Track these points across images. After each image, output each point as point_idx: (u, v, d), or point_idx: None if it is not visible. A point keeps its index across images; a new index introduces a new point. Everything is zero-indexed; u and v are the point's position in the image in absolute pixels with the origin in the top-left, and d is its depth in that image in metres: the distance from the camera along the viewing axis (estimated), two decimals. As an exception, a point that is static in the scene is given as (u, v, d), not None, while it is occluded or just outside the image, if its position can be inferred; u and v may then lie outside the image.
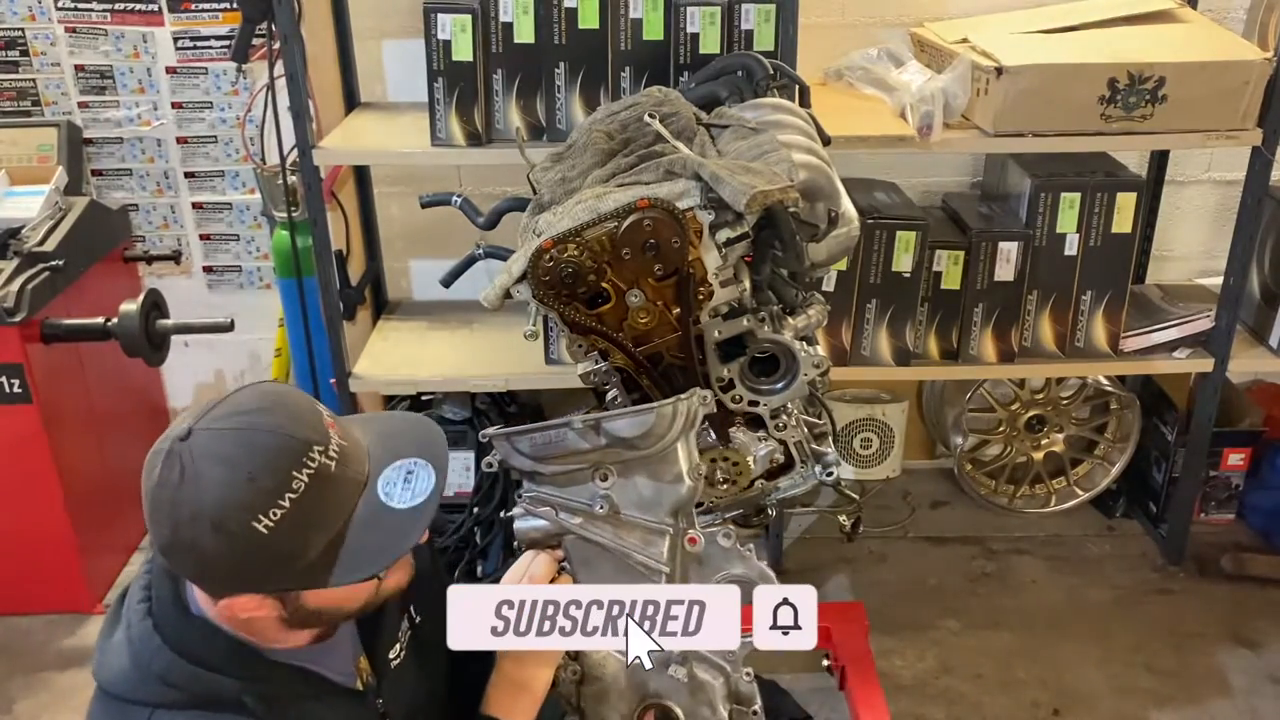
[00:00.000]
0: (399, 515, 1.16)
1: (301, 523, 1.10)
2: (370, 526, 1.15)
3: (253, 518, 1.08)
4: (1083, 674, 2.59)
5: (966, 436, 3.05)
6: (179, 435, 1.11)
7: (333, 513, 1.13)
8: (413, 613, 1.43)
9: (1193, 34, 2.54)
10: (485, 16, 2.30)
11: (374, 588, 1.22)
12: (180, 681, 1.17)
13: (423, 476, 1.18)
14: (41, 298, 2.56)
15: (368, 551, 1.14)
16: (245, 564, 1.11)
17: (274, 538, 1.09)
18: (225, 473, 1.09)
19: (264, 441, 1.11)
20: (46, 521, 2.68)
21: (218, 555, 1.10)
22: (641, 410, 1.31)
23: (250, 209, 3.05)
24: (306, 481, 1.10)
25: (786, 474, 1.56)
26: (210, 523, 1.08)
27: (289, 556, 1.12)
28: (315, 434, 1.14)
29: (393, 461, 1.19)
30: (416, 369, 2.66)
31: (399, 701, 1.37)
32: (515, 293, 1.44)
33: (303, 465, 1.11)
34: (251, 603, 1.15)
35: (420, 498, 1.17)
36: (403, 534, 1.16)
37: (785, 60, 2.25)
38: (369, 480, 1.17)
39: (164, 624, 1.19)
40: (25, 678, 2.60)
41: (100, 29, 2.87)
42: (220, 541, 1.09)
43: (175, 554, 1.13)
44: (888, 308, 2.65)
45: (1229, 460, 3.01)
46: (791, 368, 1.51)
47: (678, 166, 1.45)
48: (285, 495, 1.09)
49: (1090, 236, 2.62)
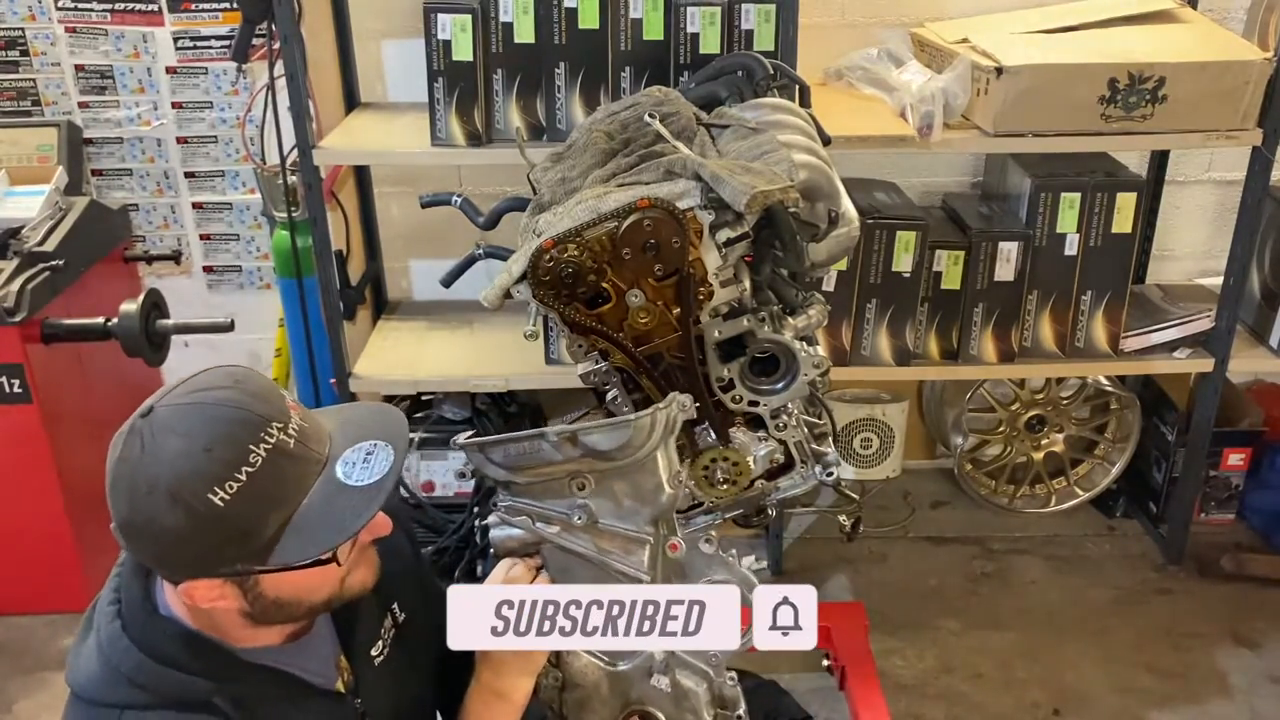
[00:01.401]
0: (355, 493, 1.14)
1: (258, 497, 1.10)
2: (326, 504, 1.14)
3: (209, 489, 1.07)
4: (1083, 674, 2.59)
5: (966, 436, 3.05)
6: (140, 413, 1.12)
7: (290, 489, 1.12)
8: (396, 611, 1.42)
9: (1193, 34, 2.54)
10: (485, 16, 2.30)
11: (336, 581, 1.21)
12: (149, 682, 1.16)
13: (382, 457, 1.17)
14: (41, 298, 2.56)
15: (323, 528, 1.13)
16: (201, 540, 1.09)
17: (230, 511, 1.08)
18: (183, 444, 1.09)
19: (223, 415, 1.11)
20: (46, 521, 2.68)
21: (175, 530, 1.09)
22: (618, 423, 1.29)
23: (250, 209, 3.05)
24: (264, 456, 1.10)
25: (787, 474, 1.56)
26: (167, 494, 1.08)
27: (245, 533, 1.11)
28: (275, 411, 1.13)
29: (354, 444, 1.18)
30: (416, 369, 2.66)
31: (381, 701, 1.35)
32: (515, 293, 1.44)
33: (260, 440, 1.10)
34: (212, 591, 1.14)
35: (377, 476, 1.16)
36: (357, 512, 1.14)
37: (785, 60, 2.25)
38: (328, 461, 1.16)
39: (133, 625, 1.19)
40: (25, 678, 2.60)
41: (100, 29, 2.87)
42: (177, 515, 1.08)
43: (134, 532, 1.12)
44: (888, 308, 2.65)
45: (1229, 460, 3.01)
46: (792, 368, 1.51)
47: (678, 166, 1.45)
48: (242, 469, 1.09)
49: (1090, 236, 2.62)
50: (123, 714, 1.16)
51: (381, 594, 1.37)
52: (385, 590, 1.38)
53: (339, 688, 1.32)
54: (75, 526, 2.70)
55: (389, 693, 1.37)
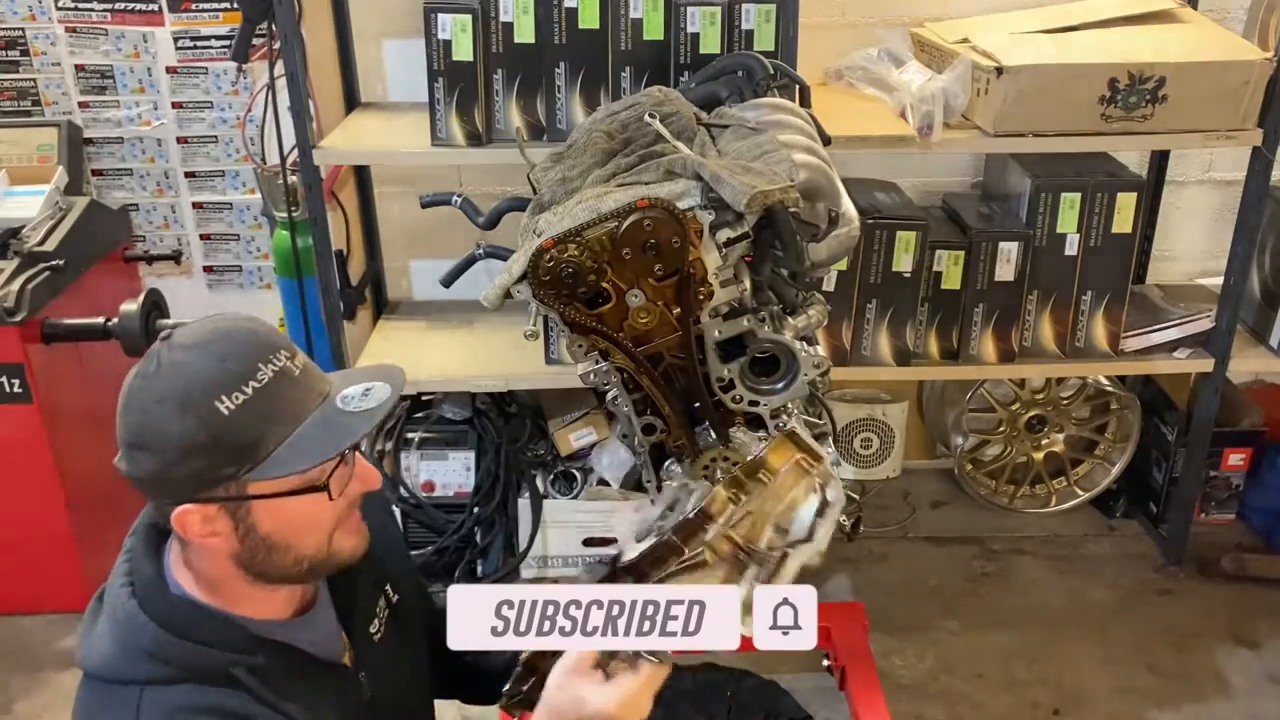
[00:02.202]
0: (352, 415, 1.20)
1: (262, 411, 1.15)
2: (324, 424, 1.19)
3: (216, 398, 1.12)
4: (1083, 674, 2.59)
5: (967, 437, 3.05)
6: (160, 338, 1.18)
7: (292, 410, 1.18)
8: (389, 591, 1.44)
9: (1193, 34, 2.54)
10: (485, 16, 2.30)
11: (326, 529, 1.23)
12: (170, 656, 1.18)
13: (380, 391, 1.23)
14: (42, 298, 2.56)
15: (317, 441, 1.18)
16: (204, 450, 1.13)
17: (235, 421, 1.13)
18: (197, 355, 1.15)
19: (237, 334, 1.18)
20: (46, 521, 2.68)
21: (181, 439, 1.12)
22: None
23: (250, 209, 3.05)
24: (271, 375, 1.16)
25: (787, 474, 1.56)
26: (178, 402, 1.12)
27: (246, 445, 1.14)
28: (284, 344, 1.21)
29: (352, 384, 1.24)
30: (416, 369, 2.66)
31: (382, 678, 1.37)
32: (515, 293, 1.44)
33: (269, 360, 1.17)
34: (205, 523, 1.17)
35: (374, 404, 1.21)
36: (350, 430, 1.19)
37: (785, 60, 2.25)
38: (329, 396, 1.22)
39: (148, 602, 1.21)
40: (25, 678, 2.60)
41: (100, 29, 2.87)
42: (185, 422, 1.12)
43: (140, 445, 1.15)
44: (888, 308, 2.64)
45: (1229, 460, 3.01)
46: (792, 368, 1.51)
47: (678, 166, 1.45)
48: (249, 382, 1.14)
49: (1090, 236, 2.62)
50: (144, 690, 1.17)
51: (375, 573, 1.41)
52: (379, 570, 1.41)
53: (345, 662, 1.34)
54: (75, 526, 2.70)
55: (387, 670, 1.39)
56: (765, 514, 1.34)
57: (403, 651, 1.43)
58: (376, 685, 1.36)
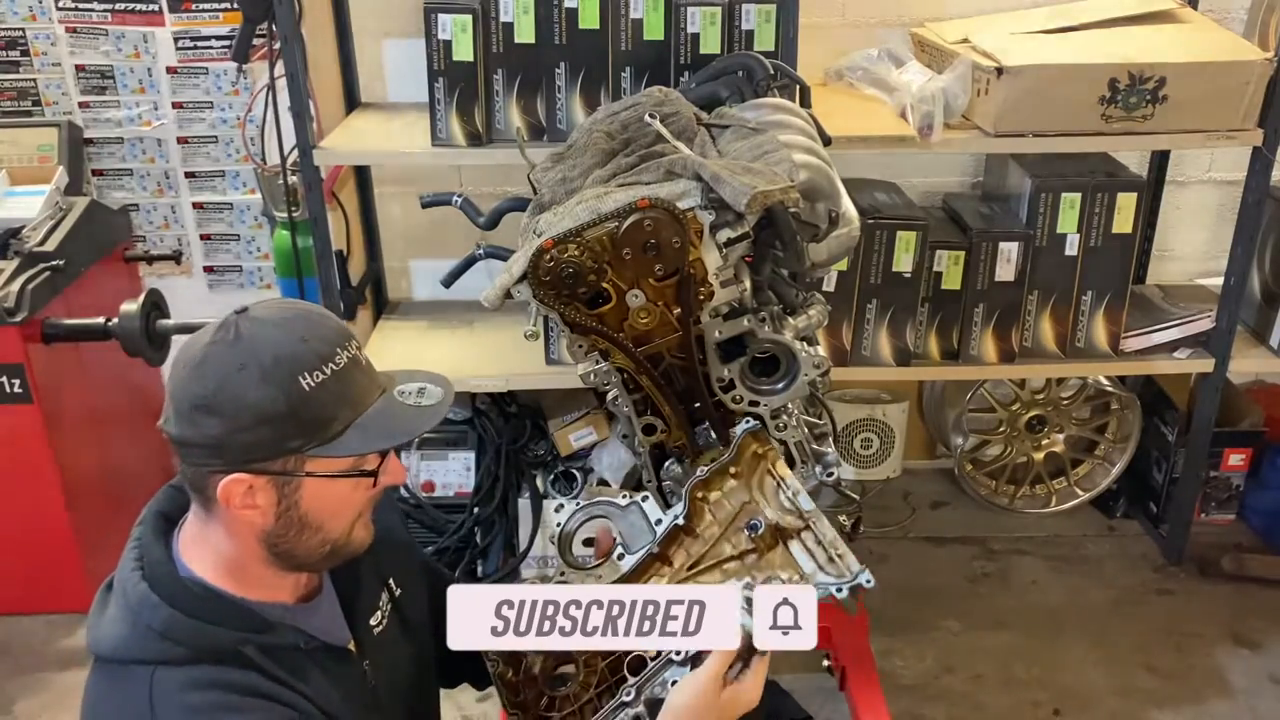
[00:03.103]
0: (412, 410, 1.27)
1: (337, 393, 1.20)
2: (387, 414, 1.26)
3: (300, 373, 1.18)
4: (1083, 674, 2.59)
5: (967, 437, 3.05)
6: (235, 311, 1.22)
7: (359, 394, 1.24)
8: (393, 585, 1.46)
9: (1193, 34, 2.54)
10: (486, 16, 2.30)
11: (349, 523, 1.28)
12: (181, 636, 1.19)
13: (433, 392, 1.30)
14: (42, 298, 2.56)
15: (382, 430, 1.24)
16: (280, 420, 1.17)
17: (312, 398, 1.18)
18: (281, 333, 1.20)
19: (316, 318, 1.25)
20: (46, 521, 2.67)
21: (258, 407, 1.16)
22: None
23: (251, 209, 3.05)
24: (347, 360, 1.23)
25: (787, 474, 1.56)
26: (261, 372, 1.17)
27: (319, 421, 1.20)
28: (353, 334, 1.28)
29: (409, 382, 1.31)
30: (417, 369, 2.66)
31: (384, 670, 1.39)
32: (516, 293, 1.44)
33: (345, 347, 1.23)
34: (250, 496, 1.20)
35: (431, 402, 1.29)
36: (413, 424, 1.27)
37: (786, 60, 2.25)
38: (388, 389, 1.29)
39: (159, 584, 1.22)
40: (25, 678, 2.60)
41: (101, 29, 2.87)
42: (266, 391, 1.16)
43: (211, 409, 1.17)
44: (888, 308, 2.64)
45: (1229, 460, 3.01)
46: (792, 368, 1.51)
47: (678, 167, 1.45)
48: (329, 364, 1.20)
49: (1091, 236, 2.62)
50: (155, 671, 1.18)
51: (379, 567, 1.43)
52: (382, 563, 1.43)
53: (350, 646, 1.36)
54: (75, 526, 2.70)
55: (389, 662, 1.40)
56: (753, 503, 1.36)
57: (405, 645, 1.45)
58: (378, 676, 1.38)
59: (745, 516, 1.38)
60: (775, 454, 1.41)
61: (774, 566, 1.35)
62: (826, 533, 1.34)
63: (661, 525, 1.41)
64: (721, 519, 1.39)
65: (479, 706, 2.46)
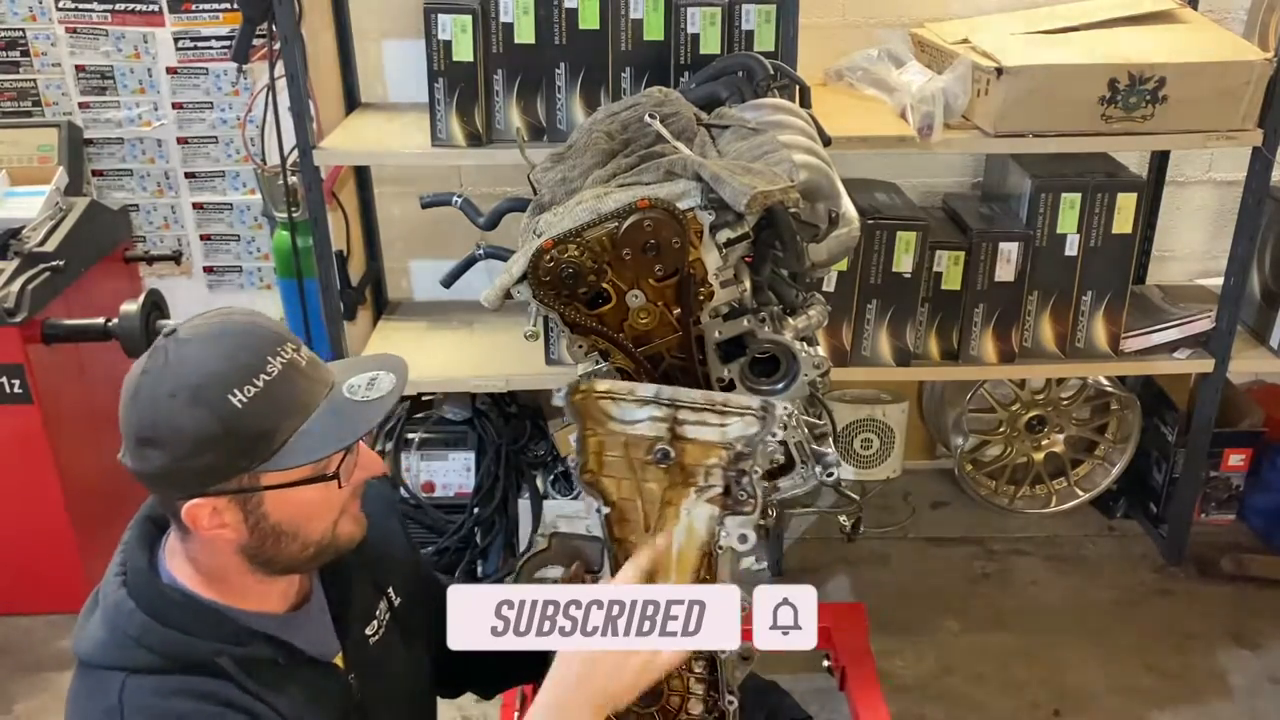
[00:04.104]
0: (361, 405, 1.22)
1: (273, 403, 1.16)
2: (334, 414, 1.21)
3: (229, 391, 1.14)
4: (1083, 674, 2.59)
5: (967, 437, 3.05)
6: (164, 333, 1.19)
7: (301, 400, 1.19)
8: (391, 594, 1.44)
9: (1193, 34, 2.54)
10: (485, 17, 2.30)
11: (332, 516, 1.25)
12: (155, 644, 1.19)
13: (385, 381, 1.25)
14: (42, 298, 2.56)
15: (328, 434, 1.20)
16: (218, 443, 1.14)
17: (248, 413, 1.14)
18: (207, 350, 1.16)
19: (243, 329, 1.20)
20: (46, 521, 2.68)
21: (194, 433, 1.13)
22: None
23: (251, 209, 3.05)
24: (280, 368, 1.18)
25: (787, 475, 1.56)
26: (190, 396, 1.13)
27: (259, 436, 1.16)
28: (289, 337, 1.23)
29: (357, 374, 1.26)
30: (417, 369, 2.64)
31: (375, 680, 1.37)
32: (515, 293, 1.44)
33: (277, 353, 1.18)
34: (215, 516, 1.18)
35: (381, 393, 1.24)
36: (362, 420, 1.21)
37: (785, 60, 2.25)
38: (335, 385, 1.24)
39: (138, 591, 1.22)
40: (25, 678, 2.60)
41: (101, 29, 2.87)
42: (198, 416, 1.13)
43: (150, 441, 1.16)
44: (888, 308, 2.64)
45: (1229, 461, 3.01)
46: (792, 368, 1.50)
47: (678, 167, 1.45)
48: (260, 376, 1.16)
49: (1091, 237, 2.62)
50: (126, 678, 1.18)
51: (376, 575, 1.41)
52: (379, 572, 1.42)
53: (337, 661, 1.34)
54: (75, 526, 2.70)
55: (383, 673, 1.39)
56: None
57: (402, 655, 1.43)
58: (367, 688, 1.36)
59: (637, 452, 1.37)
60: (590, 388, 1.37)
61: (703, 461, 1.35)
62: (688, 396, 1.35)
63: (596, 531, 1.40)
64: (625, 474, 1.38)
65: (479, 707, 2.46)
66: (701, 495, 1.35)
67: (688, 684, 1.40)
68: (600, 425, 1.38)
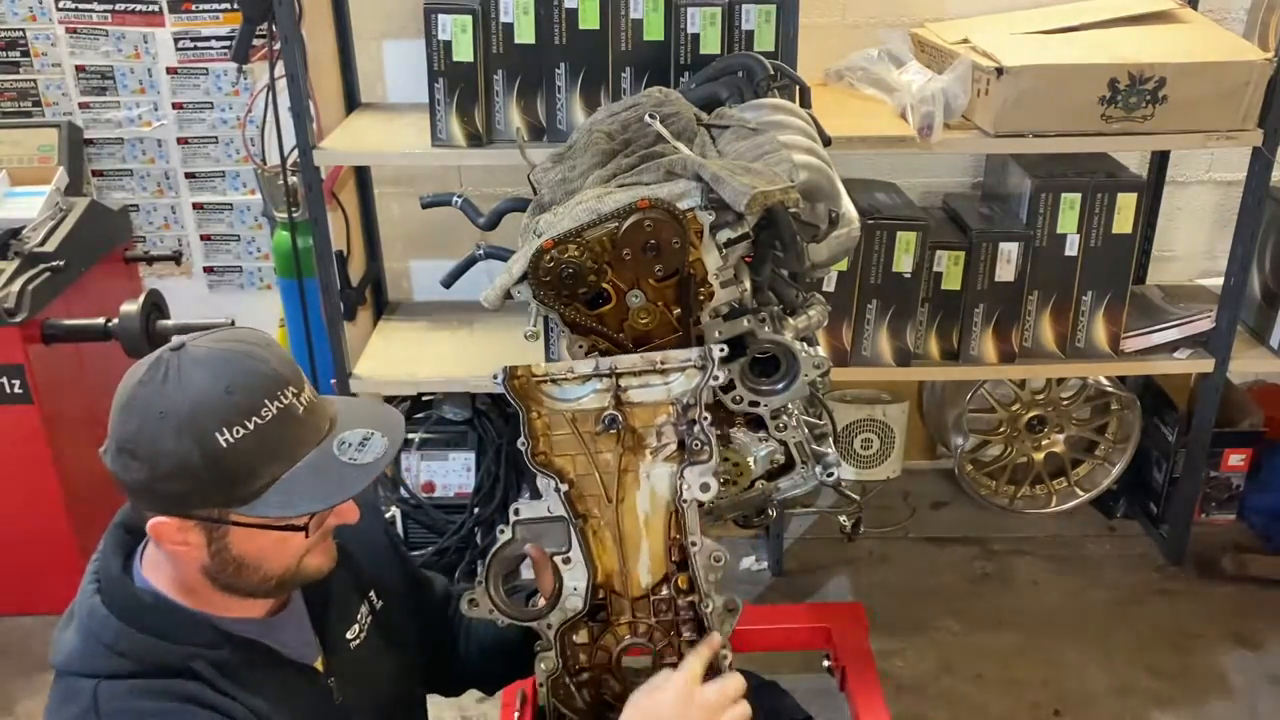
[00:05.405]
0: (346, 468, 1.19)
1: (259, 448, 1.14)
2: (316, 472, 1.18)
3: (217, 428, 1.12)
4: (1083, 674, 2.59)
5: (967, 437, 3.05)
6: (171, 347, 1.17)
7: (288, 450, 1.17)
8: (373, 598, 1.43)
9: (1193, 34, 2.54)
10: (485, 17, 2.30)
11: (295, 556, 1.23)
12: (128, 649, 1.19)
13: (377, 444, 1.22)
14: (42, 298, 2.56)
15: (308, 492, 1.18)
16: (195, 475, 1.13)
17: (230, 454, 1.13)
18: (207, 379, 1.14)
19: (249, 365, 1.16)
20: (46, 521, 2.68)
21: (174, 459, 1.13)
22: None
23: (251, 209, 3.05)
24: (275, 413, 1.15)
25: (787, 475, 1.56)
26: (178, 424, 1.12)
27: (236, 479, 1.15)
28: (294, 378, 1.20)
29: (353, 428, 1.23)
30: (417, 369, 2.66)
31: (356, 684, 1.37)
32: (516, 293, 1.44)
33: (276, 397, 1.16)
34: (180, 533, 1.17)
35: (370, 459, 1.20)
36: (343, 486, 1.19)
37: (785, 61, 2.25)
38: (328, 436, 1.21)
39: (112, 598, 1.22)
40: (26, 678, 2.60)
41: (101, 29, 2.87)
42: (182, 445, 1.12)
43: (132, 452, 1.15)
44: (888, 308, 2.65)
45: (1229, 461, 3.01)
46: (792, 368, 1.51)
47: (678, 167, 1.45)
48: (252, 418, 1.14)
49: (1091, 237, 2.62)
50: (99, 684, 1.18)
51: (357, 580, 1.41)
52: (361, 576, 1.41)
53: (317, 665, 1.34)
54: (75, 526, 2.70)
55: (364, 676, 1.39)
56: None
57: (385, 658, 1.43)
58: (348, 692, 1.35)
59: (585, 426, 1.37)
60: (529, 372, 1.40)
61: (652, 422, 1.36)
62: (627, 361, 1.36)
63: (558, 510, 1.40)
64: (577, 449, 1.39)
65: (479, 707, 2.46)
66: (657, 456, 1.36)
67: (680, 650, 1.40)
68: (543, 406, 1.39)
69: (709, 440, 1.34)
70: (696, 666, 1.31)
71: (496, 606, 1.41)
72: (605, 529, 1.39)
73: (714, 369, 1.34)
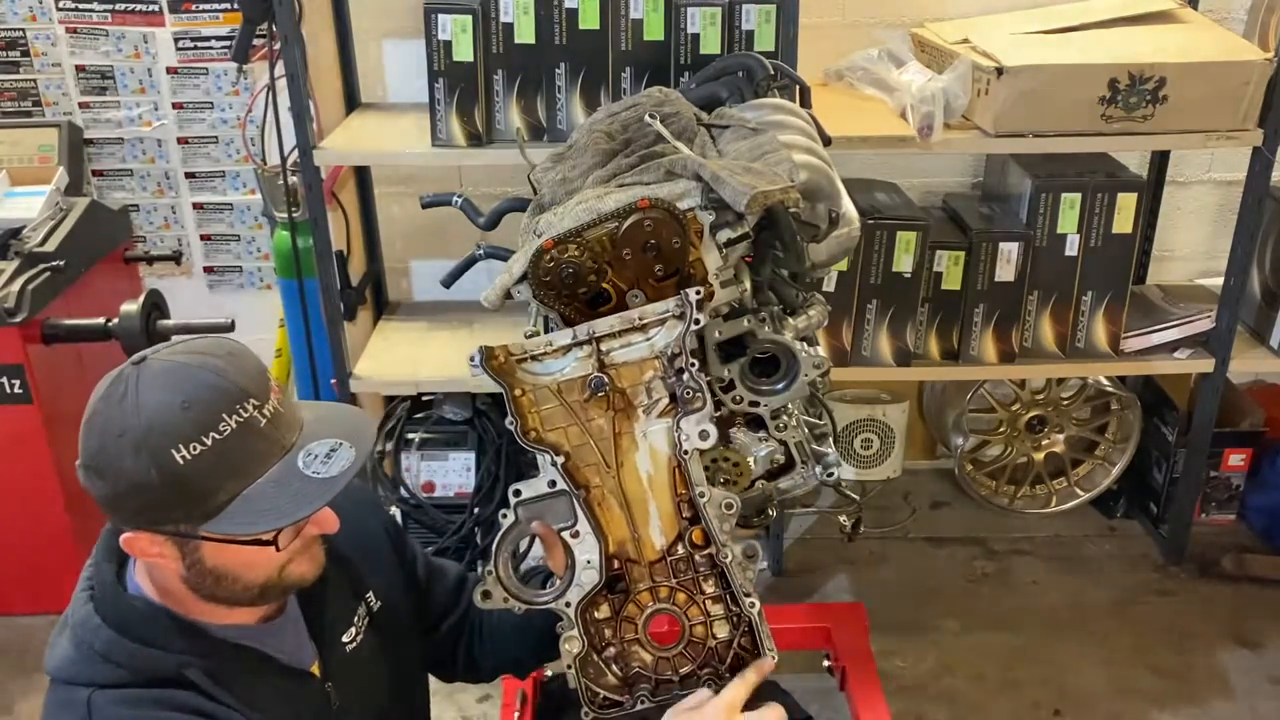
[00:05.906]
0: (310, 482, 1.17)
1: (218, 464, 1.13)
2: (279, 487, 1.16)
3: (174, 446, 1.11)
4: (1083, 674, 2.59)
5: (967, 437, 3.05)
6: (133, 361, 1.17)
7: (250, 464, 1.15)
8: (370, 599, 1.42)
9: (1193, 34, 2.54)
10: (486, 17, 2.30)
11: (275, 566, 1.22)
12: (121, 658, 1.19)
13: (343, 456, 1.19)
14: (42, 298, 2.56)
15: (270, 508, 1.15)
16: (154, 493, 1.12)
17: (188, 471, 1.12)
18: (163, 398, 1.13)
19: (206, 380, 1.14)
20: (46, 521, 2.67)
21: (133, 478, 1.12)
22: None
23: (251, 209, 3.06)
24: (234, 427, 1.13)
25: (787, 475, 1.56)
26: (135, 443, 1.11)
27: (196, 495, 1.13)
28: (255, 389, 1.17)
29: (320, 439, 1.21)
30: (417, 369, 2.66)
31: (354, 687, 1.36)
32: (516, 293, 1.44)
33: (235, 412, 1.14)
34: (153, 546, 1.17)
35: (334, 472, 1.18)
36: (307, 500, 1.16)
37: (786, 60, 2.25)
38: (293, 448, 1.19)
39: (104, 606, 1.22)
40: (26, 678, 2.60)
41: (101, 29, 2.87)
42: (139, 464, 1.11)
43: (96, 471, 1.15)
44: (888, 308, 2.65)
45: (1229, 461, 3.01)
46: (792, 368, 1.50)
47: (678, 167, 1.45)
48: (210, 434, 1.12)
49: (1091, 237, 2.62)
50: (92, 694, 1.18)
51: (354, 580, 1.40)
52: (358, 577, 1.41)
53: (313, 670, 1.33)
54: (75, 526, 2.70)
55: (361, 678, 1.38)
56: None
57: (384, 659, 1.42)
58: (345, 695, 1.35)
59: (572, 395, 1.35)
60: (506, 351, 1.35)
61: (640, 379, 1.35)
62: (606, 325, 1.34)
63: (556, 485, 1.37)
64: (568, 421, 1.36)
65: (479, 707, 2.46)
66: (650, 413, 1.34)
67: (706, 608, 1.37)
68: (525, 383, 1.36)
69: (700, 386, 1.32)
70: (740, 693, 1.30)
71: (510, 594, 1.38)
72: (610, 496, 1.36)
73: (693, 313, 1.32)
